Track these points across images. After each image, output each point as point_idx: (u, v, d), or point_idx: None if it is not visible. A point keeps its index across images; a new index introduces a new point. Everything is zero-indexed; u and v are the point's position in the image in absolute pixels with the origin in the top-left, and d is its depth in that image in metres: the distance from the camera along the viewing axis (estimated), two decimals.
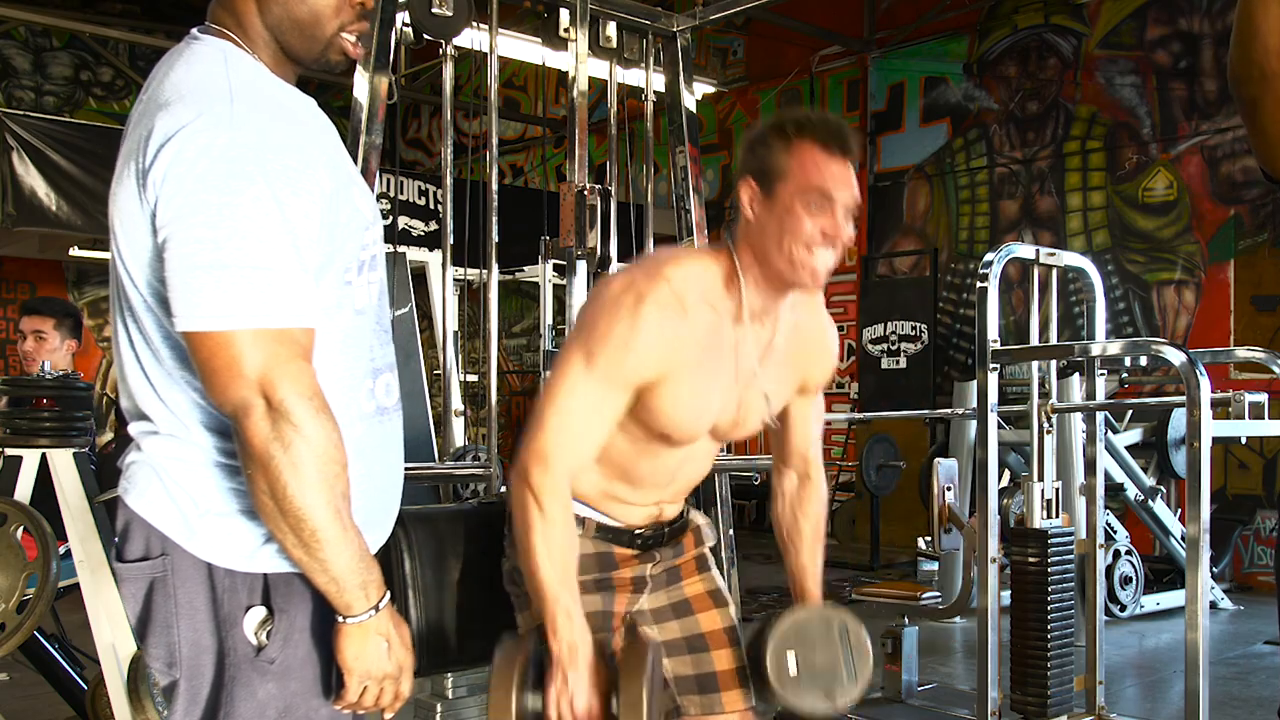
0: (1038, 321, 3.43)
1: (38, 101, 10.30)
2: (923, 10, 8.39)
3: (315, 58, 1.39)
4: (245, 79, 1.30)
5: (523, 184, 10.58)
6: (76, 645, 3.29)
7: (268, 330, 1.22)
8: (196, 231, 1.21)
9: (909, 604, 3.95)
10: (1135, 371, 6.07)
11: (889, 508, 7.87)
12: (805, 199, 1.62)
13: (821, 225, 1.62)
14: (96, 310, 10.38)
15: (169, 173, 1.21)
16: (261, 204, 1.22)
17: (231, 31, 1.35)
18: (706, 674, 1.87)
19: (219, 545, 1.32)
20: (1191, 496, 2.64)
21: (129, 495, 1.36)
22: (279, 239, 1.23)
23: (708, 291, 1.69)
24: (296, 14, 1.35)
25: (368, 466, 1.43)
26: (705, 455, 1.86)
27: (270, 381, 1.21)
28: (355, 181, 1.42)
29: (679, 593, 1.90)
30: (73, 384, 2.93)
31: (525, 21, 4.70)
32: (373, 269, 1.43)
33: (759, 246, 1.67)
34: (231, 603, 1.32)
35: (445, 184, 3.44)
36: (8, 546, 2.64)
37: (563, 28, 3.38)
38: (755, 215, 1.67)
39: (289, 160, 1.26)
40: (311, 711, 1.37)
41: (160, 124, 1.24)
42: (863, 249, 8.81)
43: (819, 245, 1.63)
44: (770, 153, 1.65)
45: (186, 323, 1.22)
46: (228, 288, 1.20)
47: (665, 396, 1.67)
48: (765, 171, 1.65)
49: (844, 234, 1.64)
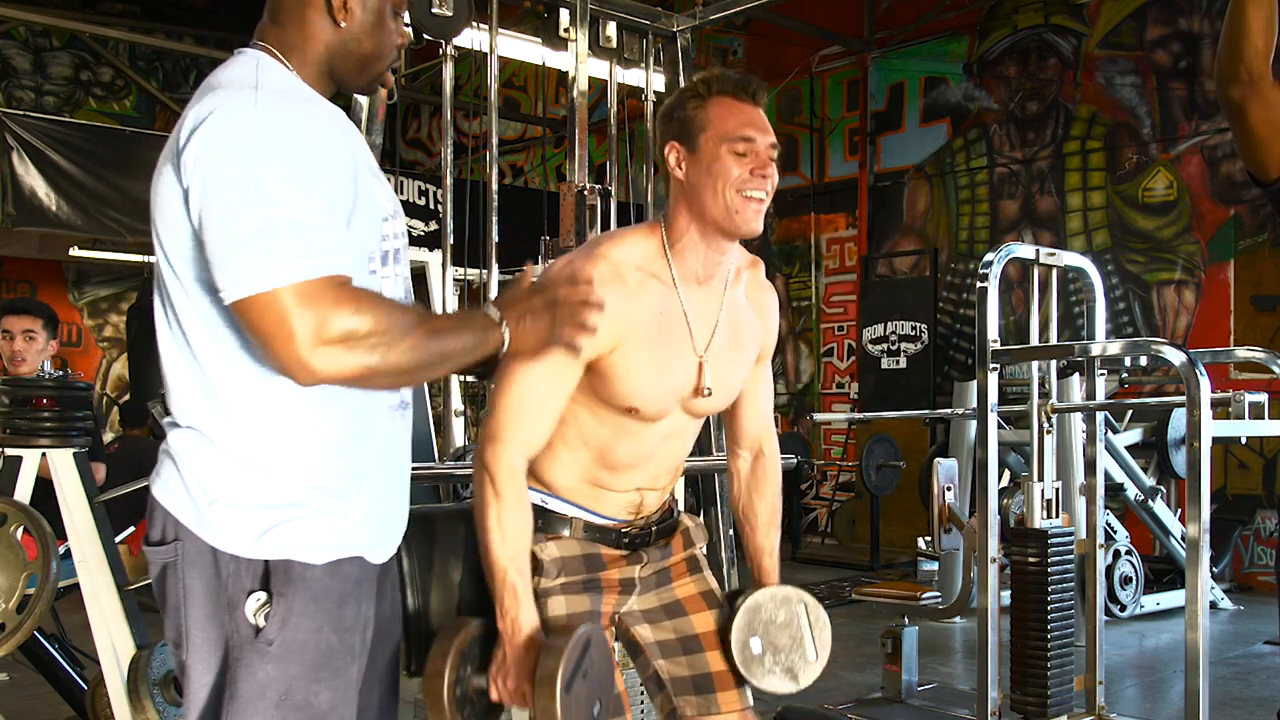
0: (1038, 321, 3.43)
1: (38, 101, 10.29)
2: (923, 10, 8.39)
3: (361, 87, 1.54)
4: (273, 78, 1.40)
5: (523, 184, 10.58)
6: (76, 645, 3.29)
7: (307, 282, 1.28)
8: (231, 204, 1.28)
9: (909, 604, 3.95)
10: (1135, 371, 6.07)
11: (889, 508, 7.87)
12: (729, 145, 1.69)
13: (749, 165, 1.70)
14: (96, 310, 10.38)
15: (200, 154, 1.30)
16: (287, 174, 1.30)
17: (276, 49, 1.45)
18: (702, 675, 1.87)
19: (224, 532, 1.39)
20: (1191, 496, 2.64)
21: (154, 483, 1.45)
22: (309, 200, 1.30)
23: (648, 263, 1.75)
24: (360, 49, 1.49)
25: (392, 456, 1.53)
26: (682, 434, 1.86)
27: (322, 327, 1.27)
28: (376, 175, 1.50)
29: (670, 594, 1.91)
30: (73, 384, 2.93)
31: (525, 21, 4.70)
32: (397, 261, 1.51)
33: (695, 202, 1.73)
34: (235, 587, 1.39)
35: (445, 184, 3.44)
36: (8, 546, 2.64)
37: (563, 28, 3.38)
38: (685, 174, 1.73)
39: (309, 138, 1.34)
40: (311, 696, 1.41)
41: (192, 113, 1.34)
42: (863, 249, 8.81)
43: (750, 186, 1.70)
44: (688, 113, 1.73)
45: (231, 293, 1.29)
46: (263, 252, 1.27)
47: (621, 366, 1.70)
48: (686, 131, 1.73)
49: (771, 174, 1.71)
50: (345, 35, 1.47)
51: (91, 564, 2.75)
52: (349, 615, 1.45)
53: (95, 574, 2.74)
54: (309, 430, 1.42)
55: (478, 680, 1.66)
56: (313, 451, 1.43)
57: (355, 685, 1.49)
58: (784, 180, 8.47)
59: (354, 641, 1.47)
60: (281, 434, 1.41)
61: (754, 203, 1.70)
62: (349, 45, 1.48)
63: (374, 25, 1.48)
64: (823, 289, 9.17)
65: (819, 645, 1.88)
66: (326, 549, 1.43)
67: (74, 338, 10.23)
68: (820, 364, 9.18)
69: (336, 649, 1.43)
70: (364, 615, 1.49)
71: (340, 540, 1.45)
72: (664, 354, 1.74)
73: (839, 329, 9.07)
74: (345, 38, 1.47)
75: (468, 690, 1.65)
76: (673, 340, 1.75)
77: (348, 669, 1.46)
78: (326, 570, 1.42)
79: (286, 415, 1.41)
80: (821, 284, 9.17)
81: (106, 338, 10.40)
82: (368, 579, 1.51)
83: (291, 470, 1.41)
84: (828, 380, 9.14)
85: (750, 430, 1.98)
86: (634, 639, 1.91)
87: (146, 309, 6.18)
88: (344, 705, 1.45)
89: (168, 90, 11.15)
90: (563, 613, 1.75)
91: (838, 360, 9.09)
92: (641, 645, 1.91)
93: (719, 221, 1.72)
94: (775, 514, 1.99)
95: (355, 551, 1.46)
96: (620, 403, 1.73)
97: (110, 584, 2.75)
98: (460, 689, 1.63)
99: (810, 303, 9.19)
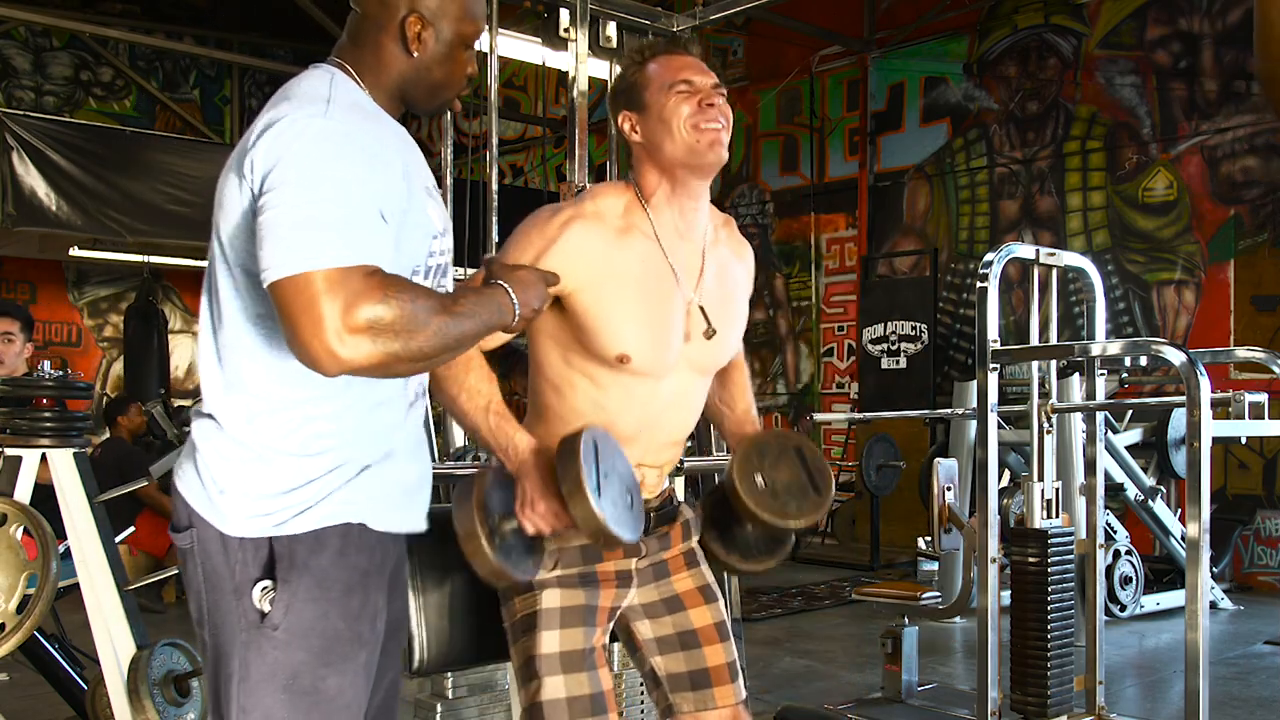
0: (1038, 321, 3.43)
1: (38, 101, 10.29)
2: (923, 10, 8.39)
3: (429, 111, 1.62)
4: (345, 93, 1.48)
5: (523, 184, 10.58)
6: (76, 645, 3.29)
7: (339, 269, 1.31)
8: (287, 196, 1.34)
9: (909, 604, 3.95)
10: (1135, 371, 6.07)
11: (889, 508, 7.87)
12: (673, 88, 1.76)
13: (696, 100, 1.75)
14: (96, 310, 10.38)
15: (268, 152, 1.37)
16: (342, 178, 1.36)
17: (352, 67, 1.53)
18: (699, 670, 1.87)
19: (232, 518, 1.46)
20: (1191, 496, 2.64)
21: (176, 470, 1.53)
22: (358, 202, 1.36)
23: (628, 215, 1.79)
24: (430, 78, 1.56)
25: (411, 448, 1.60)
26: (686, 401, 1.87)
27: (348, 314, 1.30)
28: (431, 194, 1.58)
29: (669, 588, 1.91)
30: (73, 384, 2.93)
31: (525, 21, 4.70)
32: (442, 275, 1.59)
33: (656, 154, 1.77)
34: (241, 573, 1.45)
35: (445, 184, 3.44)
36: (8, 546, 2.64)
37: (563, 28, 3.38)
38: (640, 132, 1.79)
39: (369, 149, 1.41)
40: (318, 680, 1.46)
41: (265, 118, 1.42)
42: (863, 249, 8.81)
43: (702, 118, 1.74)
44: (629, 80, 1.81)
45: (270, 273, 1.33)
46: (304, 239, 1.32)
47: (600, 309, 1.73)
48: (632, 96, 1.80)
49: (719, 104, 1.75)
50: (418, 64, 1.54)
51: (91, 564, 2.75)
52: (356, 604, 1.49)
53: (95, 574, 2.74)
54: (317, 421, 1.47)
55: (509, 523, 1.67)
56: (320, 440, 1.48)
57: (366, 673, 1.52)
58: (784, 180, 8.49)
59: (362, 630, 1.50)
60: (290, 425, 1.47)
61: (710, 133, 1.74)
62: (420, 74, 1.54)
63: (445, 57, 1.55)
64: (823, 289, 9.17)
65: (820, 483, 1.88)
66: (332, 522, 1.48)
67: (74, 338, 10.23)
68: (820, 364, 9.18)
69: (344, 635, 1.47)
70: (373, 605, 1.53)
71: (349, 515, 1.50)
72: (652, 303, 1.76)
73: (839, 329, 9.07)
74: (418, 66, 1.54)
75: (504, 538, 1.66)
76: (659, 290, 1.77)
77: (355, 656, 1.49)
78: (331, 556, 1.47)
79: (296, 407, 1.47)
80: (821, 284, 9.17)
81: (106, 338, 10.40)
82: (377, 571, 1.54)
83: (298, 457, 1.47)
84: (828, 380, 9.14)
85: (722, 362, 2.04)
86: (633, 635, 1.92)
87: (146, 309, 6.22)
88: (352, 691, 1.49)
89: (168, 90, 11.15)
90: (557, 605, 1.76)
91: (838, 360, 9.10)
92: (639, 642, 1.91)
93: (683, 160, 1.75)
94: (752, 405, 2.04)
95: (359, 519, 1.51)
96: (608, 350, 1.74)
97: (110, 584, 2.75)
98: (498, 539, 1.64)
99: (810, 303, 9.19)
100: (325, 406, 1.47)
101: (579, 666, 1.74)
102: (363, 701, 1.52)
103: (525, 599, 1.78)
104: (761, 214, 9.51)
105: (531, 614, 1.76)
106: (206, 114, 11.39)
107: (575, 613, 1.76)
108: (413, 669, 1.87)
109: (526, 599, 1.77)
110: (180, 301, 10.59)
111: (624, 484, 1.67)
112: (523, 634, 1.76)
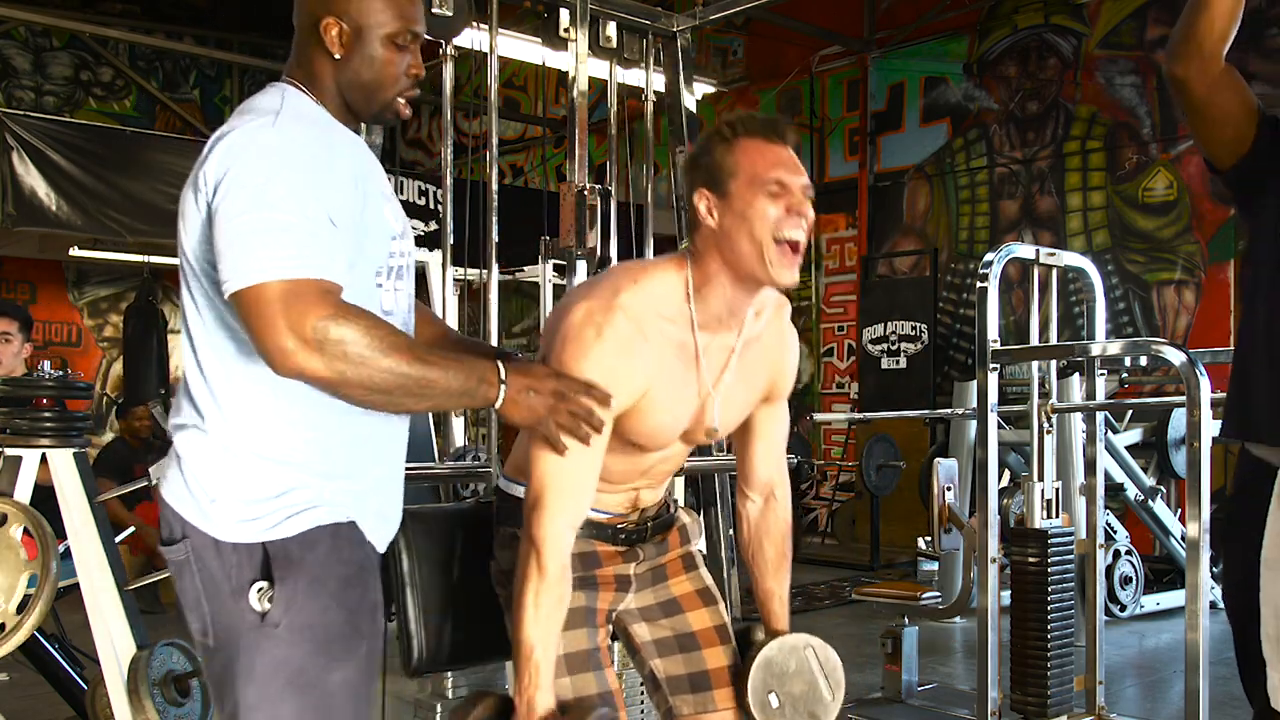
0: (1038, 321, 3.43)
1: (38, 101, 10.29)
2: (923, 10, 8.39)
3: (372, 115, 1.62)
4: (294, 105, 1.51)
5: (523, 184, 10.58)
6: (76, 645, 3.29)
7: (294, 280, 1.36)
8: (238, 206, 1.38)
9: (909, 604, 3.95)
10: (1135, 371, 6.07)
11: (889, 508, 7.87)
12: (763, 187, 1.64)
13: (784, 204, 1.64)
14: (96, 310, 10.38)
15: (219, 165, 1.41)
16: (293, 186, 1.40)
17: (302, 83, 1.57)
18: (698, 673, 1.87)
19: (224, 524, 1.48)
20: (1191, 496, 2.64)
21: (161, 485, 1.55)
22: (309, 211, 1.39)
23: (666, 306, 1.70)
24: (359, 80, 1.57)
25: (384, 458, 1.61)
26: (674, 457, 1.86)
27: (301, 322, 1.35)
28: (387, 198, 1.60)
29: (666, 592, 1.91)
30: (73, 384, 2.92)
31: (525, 21, 4.70)
32: (400, 277, 1.60)
33: (728, 249, 1.66)
34: (239, 576, 1.48)
35: (445, 184, 3.44)
36: (8, 546, 2.64)
37: (563, 28, 3.38)
38: (717, 220, 1.67)
39: (320, 157, 1.45)
40: (323, 674, 1.48)
41: (218, 132, 1.46)
42: (863, 249, 8.81)
43: (787, 226, 1.63)
44: (716, 158, 1.67)
45: (230, 284, 1.37)
46: (258, 249, 1.36)
47: (637, 415, 1.69)
48: (716, 177, 1.67)
49: (807, 214, 1.66)
50: (343, 66, 1.56)
51: (91, 564, 2.74)
52: (354, 597, 1.52)
53: (95, 574, 2.73)
54: (301, 426, 1.50)
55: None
56: (305, 447, 1.50)
57: (368, 665, 1.54)
58: None
59: (361, 623, 1.53)
60: (273, 429, 1.49)
61: (790, 251, 1.64)
62: (349, 76, 1.56)
63: (369, 56, 1.56)
64: (823, 289, 9.17)
65: (833, 685, 1.89)
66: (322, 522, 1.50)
67: (74, 338, 10.23)
68: (820, 364, 9.18)
69: (344, 628, 1.50)
70: (371, 598, 1.56)
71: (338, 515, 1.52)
72: (674, 396, 1.72)
73: (839, 329, 9.07)
74: (344, 69, 1.56)
75: None
76: (685, 382, 1.73)
77: (357, 648, 1.52)
78: (326, 552, 1.49)
79: (279, 412, 1.49)
80: (821, 284, 9.17)
81: (106, 338, 10.40)
82: (371, 565, 1.57)
83: (284, 463, 1.49)
84: (828, 380, 9.14)
85: (762, 473, 1.93)
86: (631, 638, 1.92)
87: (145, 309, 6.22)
88: (356, 683, 1.51)
89: (168, 90, 11.15)
90: None
91: (838, 360, 9.10)
92: (638, 644, 1.91)
93: (753, 270, 1.65)
94: (785, 559, 1.95)
95: (348, 517, 1.53)
96: (627, 440, 1.72)
97: (110, 584, 2.74)
98: None
99: (810, 303, 9.19)
100: (308, 413, 1.49)
101: (584, 667, 1.74)
102: (366, 694, 1.54)
103: None
104: None
105: None
106: (206, 114, 11.39)
107: (577, 614, 1.76)
108: (412, 668, 1.87)
109: None
110: None
111: None
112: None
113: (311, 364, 1.36)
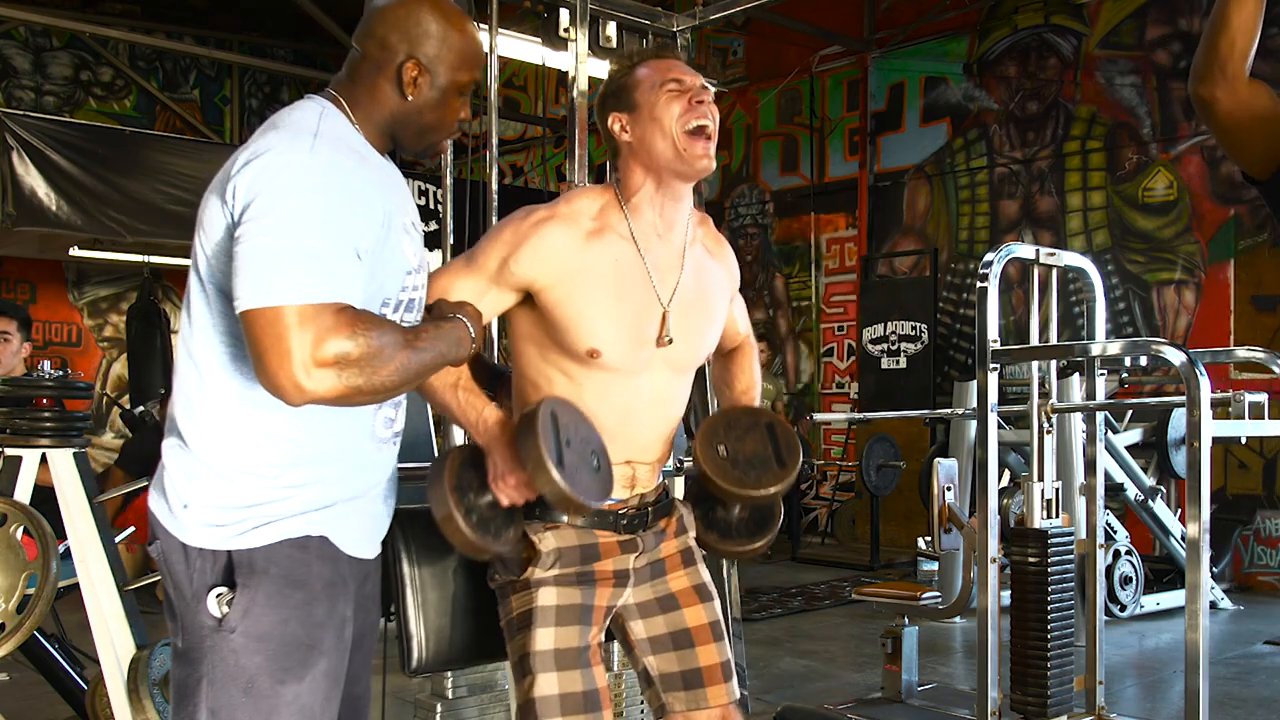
0: (1038, 321, 3.43)
1: (38, 101, 10.29)
2: (923, 10, 8.39)
3: (416, 151, 1.66)
4: (333, 128, 1.51)
5: (523, 184, 10.57)
6: (76, 645, 3.29)
7: (310, 305, 1.37)
8: (263, 227, 1.39)
9: (909, 604, 3.94)
10: (1135, 371, 6.07)
11: (889, 508, 7.87)
12: (663, 89, 1.80)
13: (686, 98, 1.79)
14: (96, 310, 10.37)
15: (251, 183, 1.41)
16: (319, 214, 1.41)
17: (346, 102, 1.57)
18: (691, 670, 1.88)
19: (193, 529, 1.51)
20: (1191, 496, 2.64)
21: (150, 488, 1.58)
22: (333, 240, 1.41)
23: (603, 215, 1.82)
24: (421, 121, 1.60)
25: (367, 466, 1.62)
26: (666, 398, 1.88)
27: (316, 349, 1.36)
28: (407, 231, 1.60)
29: (664, 586, 1.91)
30: (73, 384, 2.92)
31: (525, 21, 4.70)
32: (409, 310, 1.62)
33: (645, 153, 1.80)
34: (200, 580, 1.50)
35: (445, 184, 3.44)
36: (8, 546, 2.64)
37: (563, 28, 3.38)
38: (630, 132, 1.82)
39: (349, 187, 1.46)
40: (277, 684, 1.48)
41: (251, 146, 1.46)
42: (863, 249, 8.81)
43: (692, 116, 1.78)
44: (619, 83, 1.85)
45: (244, 302, 1.38)
46: (278, 270, 1.37)
47: (569, 306, 1.75)
48: (622, 98, 1.84)
49: (708, 101, 1.79)
50: (410, 108, 1.58)
51: (91, 564, 2.74)
52: (318, 612, 1.52)
53: (95, 574, 2.73)
54: (279, 439, 1.51)
55: (484, 498, 1.70)
56: (280, 459, 1.52)
57: (325, 684, 1.53)
58: (784, 180, 8.49)
59: (323, 638, 1.53)
60: (251, 444, 1.51)
61: (701, 138, 1.77)
62: (412, 116, 1.59)
63: (438, 103, 1.60)
64: (823, 289, 9.17)
65: (787, 456, 1.89)
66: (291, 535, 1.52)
67: (74, 338, 10.22)
68: (820, 364, 9.18)
69: (302, 642, 1.50)
70: (339, 615, 1.56)
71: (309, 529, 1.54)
72: (624, 301, 1.78)
73: (839, 329, 9.07)
74: (410, 109, 1.58)
75: (481, 512, 1.69)
76: (632, 289, 1.80)
77: (314, 663, 1.51)
78: (292, 566, 1.50)
79: (258, 427, 1.51)
80: (821, 284, 9.17)
81: (106, 338, 10.39)
82: (342, 580, 1.57)
83: (258, 476, 1.51)
84: (828, 380, 9.14)
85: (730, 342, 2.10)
86: (627, 635, 1.92)
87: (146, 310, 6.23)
88: (309, 698, 1.51)
89: (168, 90, 11.15)
90: (553, 604, 1.77)
91: (838, 360, 9.09)
92: (633, 642, 1.92)
93: (672, 163, 1.78)
94: (753, 386, 2.09)
95: (319, 533, 1.54)
96: (579, 345, 1.77)
97: (110, 584, 2.74)
98: (474, 515, 1.67)
99: (810, 303, 9.19)
100: (287, 428, 1.51)
101: (573, 664, 1.75)
102: (323, 711, 1.53)
103: (522, 597, 1.78)
104: (761, 214, 9.51)
105: (527, 611, 1.77)
106: (206, 114, 11.38)
107: (571, 611, 1.77)
108: (412, 669, 1.87)
109: (523, 597, 1.78)
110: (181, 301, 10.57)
111: (588, 448, 1.70)
112: (518, 631, 1.77)
113: (326, 387, 1.37)
